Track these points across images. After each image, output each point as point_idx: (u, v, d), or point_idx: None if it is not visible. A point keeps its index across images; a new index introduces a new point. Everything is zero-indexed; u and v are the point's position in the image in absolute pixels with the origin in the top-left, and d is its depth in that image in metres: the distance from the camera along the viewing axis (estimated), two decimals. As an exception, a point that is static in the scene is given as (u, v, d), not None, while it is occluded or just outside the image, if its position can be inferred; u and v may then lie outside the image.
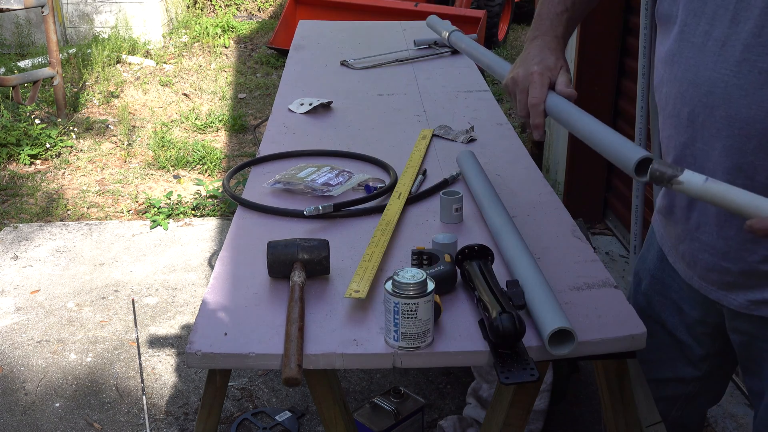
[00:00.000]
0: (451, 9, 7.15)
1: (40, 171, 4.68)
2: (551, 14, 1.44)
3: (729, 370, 1.53)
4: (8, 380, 2.76)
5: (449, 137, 2.12)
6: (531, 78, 1.33)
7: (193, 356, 1.22)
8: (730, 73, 1.13)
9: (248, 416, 2.55)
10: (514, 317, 1.17)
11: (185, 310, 3.20)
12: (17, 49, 7.32)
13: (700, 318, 1.42)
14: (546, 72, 1.33)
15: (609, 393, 1.34)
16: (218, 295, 1.38)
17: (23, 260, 3.60)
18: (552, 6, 1.44)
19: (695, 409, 1.60)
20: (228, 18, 8.78)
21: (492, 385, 2.35)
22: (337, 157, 1.99)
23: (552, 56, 1.36)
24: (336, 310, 1.32)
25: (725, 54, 1.13)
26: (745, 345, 1.34)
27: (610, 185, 3.87)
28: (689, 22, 1.20)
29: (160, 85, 6.39)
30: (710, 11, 1.16)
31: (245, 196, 1.76)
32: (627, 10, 3.52)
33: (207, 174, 4.67)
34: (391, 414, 2.19)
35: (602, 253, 3.59)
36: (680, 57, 1.22)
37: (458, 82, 2.63)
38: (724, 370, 1.53)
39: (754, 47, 1.10)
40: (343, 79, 2.68)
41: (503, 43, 8.15)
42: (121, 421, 2.56)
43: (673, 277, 1.44)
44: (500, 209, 1.59)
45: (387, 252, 1.50)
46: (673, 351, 1.50)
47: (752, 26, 1.09)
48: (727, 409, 2.46)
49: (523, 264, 1.37)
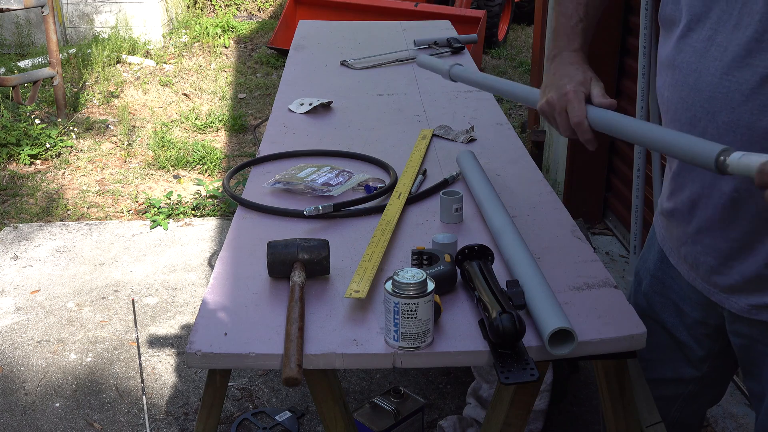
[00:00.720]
0: (451, 9, 7.15)
1: (40, 171, 4.68)
2: (566, 28, 1.42)
3: (729, 371, 1.53)
4: (8, 380, 2.76)
5: (449, 137, 2.12)
6: (566, 98, 1.31)
7: (193, 356, 1.22)
8: (733, 79, 1.12)
9: (248, 416, 2.55)
10: (514, 317, 1.17)
11: (185, 310, 3.20)
12: (17, 49, 7.33)
13: (701, 319, 1.42)
14: (579, 88, 1.31)
15: (609, 393, 1.34)
16: (218, 295, 1.38)
17: (23, 260, 3.60)
18: (565, 19, 1.43)
19: (695, 409, 1.60)
20: (228, 18, 8.78)
21: (492, 385, 2.35)
22: (337, 157, 1.99)
23: (579, 71, 1.35)
24: (336, 310, 1.32)
25: (727, 59, 1.13)
26: (745, 348, 1.34)
27: (610, 185, 3.86)
28: (692, 27, 1.20)
29: (160, 85, 6.39)
30: (714, 17, 1.16)
31: (245, 196, 1.76)
32: (627, 10, 3.52)
33: (207, 174, 4.67)
34: (391, 414, 2.19)
35: (602, 253, 3.58)
36: (682, 62, 1.21)
37: (458, 82, 2.62)
38: (725, 371, 1.52)
39: (756, 53, 1.10)
40: (343, 79, 2.68)
41: (503, 43, 8.15)
42: (121, 421, 2.56)
43: (674, 278, 1.44)
44: (500, 209, 1.59)
45: (387, 252, 1.50)
46: (673, 351, 1.50)
47: (753, 31, 1.09)
48: (727, 409, 2.46)
49: (523, 264, 1.37)
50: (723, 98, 1.14)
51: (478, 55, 6.68)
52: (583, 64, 1.37)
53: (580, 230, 1.61)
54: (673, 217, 1.37)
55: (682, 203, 1.32)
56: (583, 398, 2.61)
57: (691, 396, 1.55)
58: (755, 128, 1.12)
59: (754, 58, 1.10)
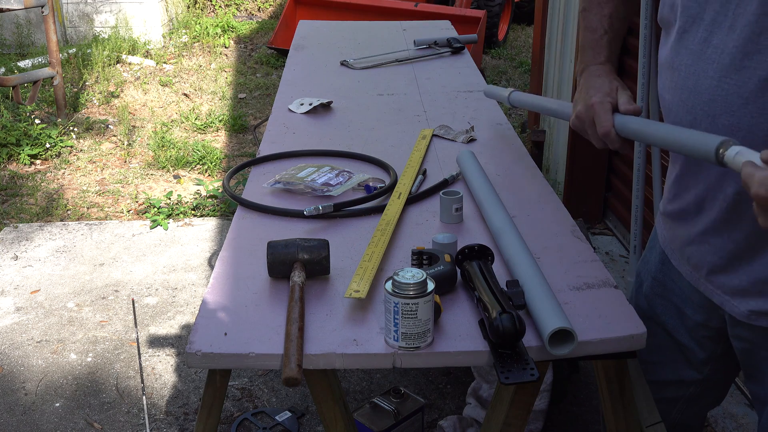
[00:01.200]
0: (451, 9, 7.14)
1: (40, 171, 4.68)
2: (592, 42, 1.44)
3: (731, 373, 1.52)
4: (8, 380, 2.76)
5: (449, 137, 2.12)
6: (593, 110, 1.33)
7: (193, 356, 1.22)
8: (731, 81, 1.12)
9: (248, 416, 2.55)
10: (514, 317, 1.17)
11: (185, 310, 3.20)
12: (17, 49, 7.33)
13: (703, 322, 1.41)
14: (605, 99, 1.33)
15: (609, 393, 1.34)
16: (218, 295, 1.38)
17: (23, 260, 3.60)
18: (591, 33, 1.44)
19: (696, 411, 1.59)
20: (228, 18, 8.78)
21: (492, 385, 2.35)
22: (337, 157, 1.99)
23: (605, 81, 1.36)
24: (336, 310, 1.32)
25: (725, 62, 1.13)
26: (747, 352, 1.34)
27: (610, 185, 3.87)
28: (687, 29, 1.20)
29: (160, 85, 6.39)
30: (709, 18, 1.15)
31: (245, 196, 1.76)
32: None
33: (207, 174, 4.67)
34: (391, 414, 2.19)
35: (602, 253, 3.58)
36: (680, 63, 1.21)
37: (458, 82, 2.63)
38: (727, 373, 1.52)
39: (753, 54, 1.09)
40: (343, 79, 2.68)
41: (503, 43, 8.14)
42: (121, 421, 2.56)
43: (675, 281, 1.43)
44: (500, 209, 1.59)
45: (387, 252, 1.50)
46: (673, 353, 1.50)
47: (749, 33, 1.09)
48: (727, 409, 2.46)
49: (523, 264, 1.37)
50: (722, 101, 1.14)
51: (478, 55, 6.67)
52: (609, 75, 1.39)
53: (580, 230, 1.61)
54: (677, 219, 1.36)
55: (688, 205, 1.31)
56: (583, 398, 2.61)
57: (692, 398, 1.55)
58: (756, 132, 1.11)
59: (751, 60, 1.09)
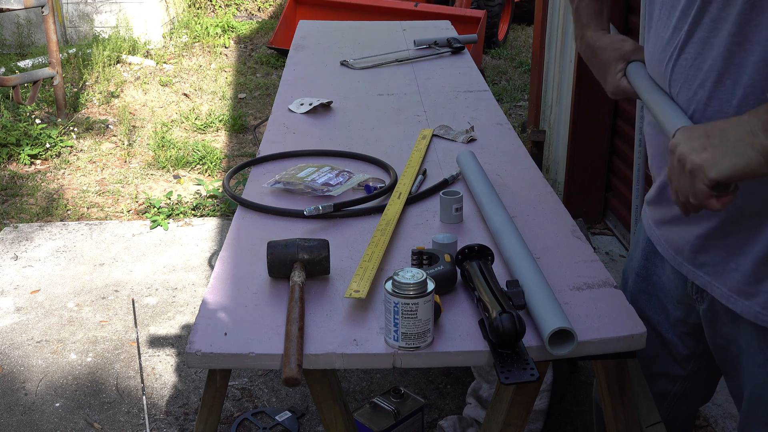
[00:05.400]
0: (451, 9, 7.14)
1: (40, 171, 4.68)
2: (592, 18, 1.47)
3: (716, 372, 1.53)
4: (8, 380, 2.76)
5: (449, 137, 2.12)
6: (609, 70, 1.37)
7: (193, 356, 1.22)
8: (716, 100, 1.14)
9: (248, 416, 2.55)
10: (514, 317, 1.17)
11: (185, 310, 3.20)
12: (17, 49, 7.32)
13: (682, 317, 1.43)
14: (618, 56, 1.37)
15: (609, 393, 1.34)
16: (218, 295, 1.38)
17: (23, 260, 3.60)
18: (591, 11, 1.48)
19: (683, 408, 1.61)
20: (228, 18, 8.77)
21: (492, 385, 2.35)
22: (337, 157, 1.99)
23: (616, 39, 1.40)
24: (336, 310, 1.32)
25: (710, 80, 1.15)
26: (722, 349, 1.35)
27: (610, 185, 3.86)
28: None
29: (160, 85, 6.39)
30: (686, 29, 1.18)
31: (245, 196, 1.77)
32: (627, 10, 3.52)
33: (207, 174, 4.67)
34: (391, 414, 2.19)
35: (602, 253, 3.58)
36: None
37: (458, 82, 2.63)
38: (711, 372, 1.53)
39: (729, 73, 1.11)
40: (343, 79, 2.68)
41: (503, 43, 8.14)
42: (121, 421, 2.56)
43: (659, 274, 1.45)
44: (500, 209, 1.59)
45: (387, 252, 1.50)
46: (659, 348, 1.52)
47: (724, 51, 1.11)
48: (727, 409, 2.46)
49: (523, 264, 1.37)
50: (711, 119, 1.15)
51: (478, 55, 6.67)
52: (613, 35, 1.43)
53: (580, 230, 1.61)
54: (660, 201, 1.37)
55: (663, 184, 1.33)
56: (583, 398, 2.61)
57: (679, 395, 1.57)
58: None
59: (728, 79, 1.11)
